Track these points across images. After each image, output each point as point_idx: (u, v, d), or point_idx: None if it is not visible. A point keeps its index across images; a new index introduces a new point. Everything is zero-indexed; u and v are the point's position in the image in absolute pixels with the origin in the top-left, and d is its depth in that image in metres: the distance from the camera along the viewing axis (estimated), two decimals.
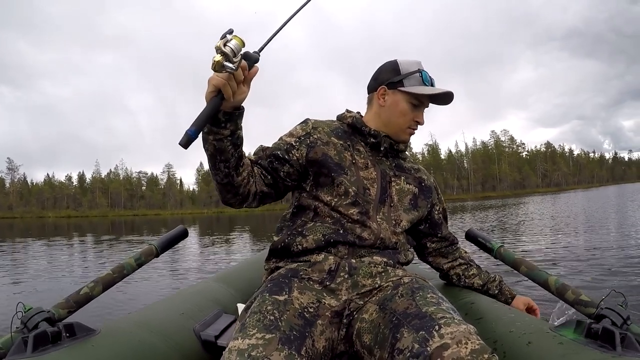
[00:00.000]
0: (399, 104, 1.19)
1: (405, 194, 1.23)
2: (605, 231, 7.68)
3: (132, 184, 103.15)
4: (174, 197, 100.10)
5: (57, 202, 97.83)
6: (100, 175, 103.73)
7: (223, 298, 1.51)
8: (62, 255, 9.54)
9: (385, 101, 1.21)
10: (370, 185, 1.17)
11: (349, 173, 1.16)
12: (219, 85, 0.88)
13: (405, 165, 1.29)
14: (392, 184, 1.21)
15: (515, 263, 1.32)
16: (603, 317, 0.96)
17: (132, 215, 77.83)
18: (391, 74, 1.20)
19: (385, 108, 1.21)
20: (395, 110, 1.20)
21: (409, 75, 1.18)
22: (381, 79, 1.22)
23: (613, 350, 0.87)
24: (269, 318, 0.89)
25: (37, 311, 1.02)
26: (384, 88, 1.21)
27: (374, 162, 1.21)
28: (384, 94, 1.21)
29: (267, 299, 0.97)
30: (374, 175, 1.19)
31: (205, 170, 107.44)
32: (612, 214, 11.95)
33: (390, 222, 1.17)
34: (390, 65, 1.22)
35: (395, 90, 1.19)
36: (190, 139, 0.85)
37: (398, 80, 1.19)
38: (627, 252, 5.14)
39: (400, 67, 1.20)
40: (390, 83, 1.20)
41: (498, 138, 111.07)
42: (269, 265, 1.21)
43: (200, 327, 1.26)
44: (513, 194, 73.54)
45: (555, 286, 1.15)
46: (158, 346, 1.10)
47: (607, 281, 3.79)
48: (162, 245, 1.34)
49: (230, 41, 0.83)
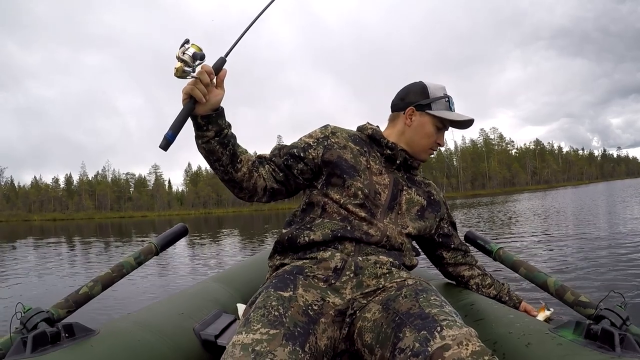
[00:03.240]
0: (426, 126, 1.24)
1: (414, 204, 1.25)
2: (605, 232, 7.74)
3: (119, 185, 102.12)
4: (161, 199, 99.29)
5: (44, 205, 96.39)
6: (87, 177, 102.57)
7: (223, 298, 1.50)
8: (45, 257, 9.40)
9: (412, 122, 1.25)
10: (382, 190, 1.19)
11: (363, 176, 1.19)
12: (188, 91, 0.97)
13: (417, 179, 1.32)
14: (402, 193, 1.23)
15: (515, 265, 1.33)
16: (602, 317, 0.97)
17: (119, 217, 77.02)
18: (420, 97, 1.25)
19: (412, 128, 1.25)
20: (421, 132, 1.25)
21: (437, 100, 1.24)
22: (409, 99, 1.27)
23: (612, 351, 0.87)
24: (274, 314, 0.89)
25: (36, 311, 1.01)
26: (412, 109, 1.25)
27: (388, 171, 1.24)
28: (412, 115, 1.25)
29: (272, 294, 0.96)
30: (386, 181, 1.21)
31: (193, 171, 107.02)
32: (608, 213, 12.07)
33: (397, 225, 1.19)
34: (418, 88, 1.27)
35: (423, 112, 1.24)
36: (169, 142, 0.92)
37: (427, 104, 1.24)
38: (626, 252, 5.20)
39: (429, 90, 1.25)
40: (418, 105, 1.24)
41: (487, 136, 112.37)
42: (274, 262, 1.21)
43: (200, 326, 1.25)
44: (503, 192, 74.35)
45: (555, 287, 1.16)
46: (158, 346, 1.10)
47: (606, 282, 3.83)
48: (161, 244, 1.33)
49: (188, 49, 0.92)
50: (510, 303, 1.39)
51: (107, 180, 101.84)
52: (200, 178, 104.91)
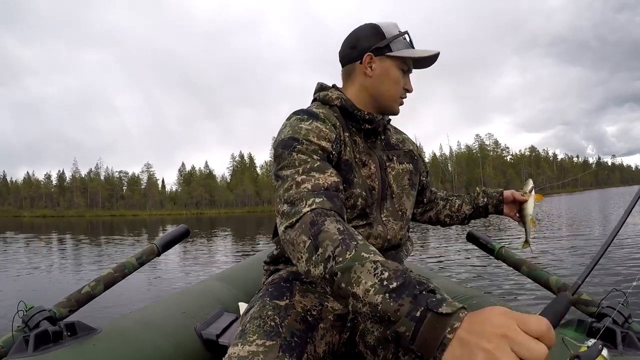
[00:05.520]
0: (390, 71, 1.04)
1: (401, 176, 1.11)
2: (606, 232, 7.81)
3: (112, 183, 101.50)
4: (154, 198, 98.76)
5: (35, 202, 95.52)
6: (80, 174, 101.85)
7: (224, 297, 1.50)
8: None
9: (373, 70, 1.04)
10: (373, 182, 1.04)
11: (357, 176, 1.01)
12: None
13: (392, 141, 1.16)
14: (387, 171, 1.08)
15: (517, 263, 1.33)
16: (604, 315, 0.98)
17: (110, 215, 76.42)
18: (375, 40, 1.03)
19: (374, 78, 1.05)
20: (387, 79, 1.04)
21: (396, 38, 1.04)
22: (363, 45, 1.04)
23: (614, 348, 0.89)
24: (270, 324, 0.86)
25: (38, 310, 1.01)
26: (370, 55, 1.03)
27: (369, 151, 1.07)
28: (371, 62, 1.04)
29: (267, 303, 0.93)
30: (373, 169, 1.05)
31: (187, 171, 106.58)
32: (607, 215, 12.12)
33: (397, 216, 1.08)
34: (369, 29, 1.05)
35: (383, 56, 1.03)
36: None
37: (385, 45, 1.03)
38: (628, 251, 5.25)
39: (383, 30, 1.04)
40: (376, 49, 1.03)
41: (482, 142, 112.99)
42: (269, 267, 1.16)
43: (201, 325, 1.25)
44: None
45: (557, 286, 1.16)
46: (159, 345, 1.10)
47: (608, 280, 3.87)
48: (163, 244, 1.33)
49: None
50: (494, 200, 1.25)
51: (99, 178, 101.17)
52: (194, 178, 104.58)
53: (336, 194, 0.82)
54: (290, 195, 0.80)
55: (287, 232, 0.76)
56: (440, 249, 7.85)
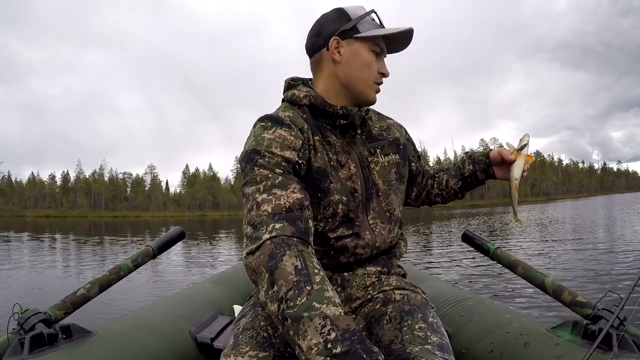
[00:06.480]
0: (360, 54, 0.97)
1: (387, 169, 1.04)
2: (603, 235, 7.80)
3: (116, 184, 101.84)
4: (157, 199, 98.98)
5: (38, 202, 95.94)
6: (84, 175, 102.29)
7: (219, 300, 1.50)
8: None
9: (342, 55, 0.97)
10: (354, 184, 0.98)
11: (333, 181, 0.95)
12: None
13: (375, 132, 1.07)
14: (371, 167, 1.01)
15: (512, 264, 1.32)
16: (600, 318, 0.97)
17: (113, 216, 76.60)
18: (340, 23, 0.97)
19: (343, 64, 0.97)
20: (357, 63, 0.97)
21: (362, 18, 0.97)
22: (328, 31, 0.98)
23: (610, 351, 0.88)
24: (262, 335, 0.85)
25: (33, 312, 1.01)
26: (336, 40, 0.96)
27: (347, 149, 1.00)
28: (338, 47, 0.97)
29: (259, 314, 0.91)
30: (353, 169, 0.98)
31: (191, 173, 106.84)
32: (606, 218, 12.09)
33: (384, 217, 1.02)
34: (335, 14, 0.99)
35: (351, 39, 0.96)
36: None
37: (352, 27, 0.96)
38: (623, 254, 5.24)
39: (347, 12, 0.98)
40: (342, 32, 0.96)
41: (487, 146, 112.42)
42: None
43: (196, 329, 1.25)
44: (502, 203, 74.37)
45: (552, 287, 1.15)
46: (154, 348, 1.10)
47: (603, 282, 3.86)
48: (159, 247, 1.33)
49: None
50: (481, 164, 1.15)
51: (103, 179, 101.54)
52: (198, 180, 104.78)
53: (300, 214, 0.79)
54: (251, 217, 0.79)
55: (249, 258, 0.76)
56: (435, 249, 7.84)
